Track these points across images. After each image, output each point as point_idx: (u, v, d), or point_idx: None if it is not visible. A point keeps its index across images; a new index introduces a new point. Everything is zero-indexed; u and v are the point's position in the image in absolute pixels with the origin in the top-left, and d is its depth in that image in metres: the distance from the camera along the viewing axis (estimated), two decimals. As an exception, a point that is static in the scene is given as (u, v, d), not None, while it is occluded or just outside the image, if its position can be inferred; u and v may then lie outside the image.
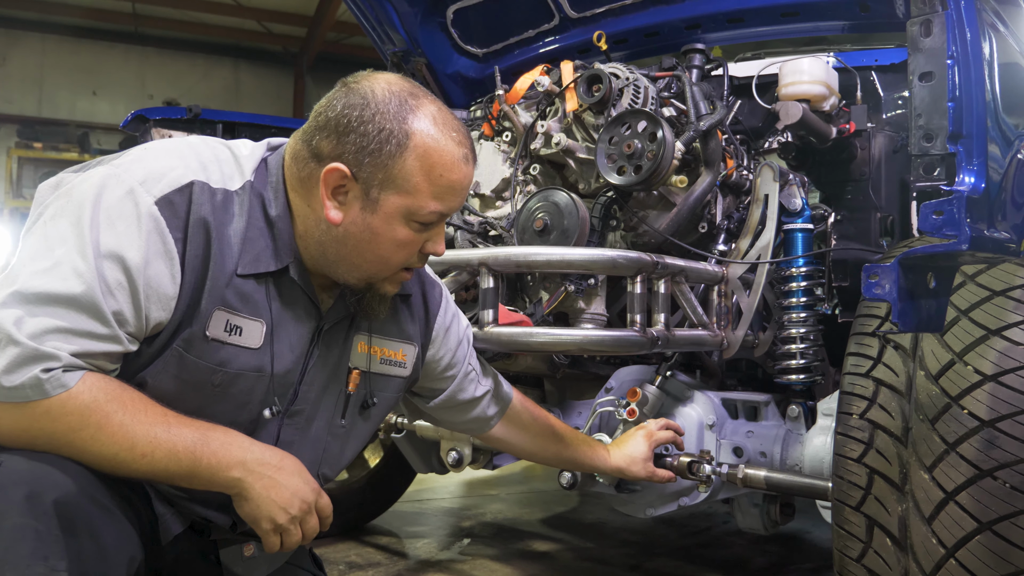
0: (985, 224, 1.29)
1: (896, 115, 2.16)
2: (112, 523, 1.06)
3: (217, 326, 1.17)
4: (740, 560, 2.82)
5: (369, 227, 1.22)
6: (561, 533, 3.12)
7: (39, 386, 1.02)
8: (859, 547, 1.43)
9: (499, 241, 2.08)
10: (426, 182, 1.20)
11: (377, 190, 1.20)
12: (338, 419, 1.40)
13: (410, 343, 1.48)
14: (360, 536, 2.93)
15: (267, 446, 1.21)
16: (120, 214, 1.09)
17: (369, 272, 1.27)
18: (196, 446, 1.11)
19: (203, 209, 1.15)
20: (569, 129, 2.04)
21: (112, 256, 1.08)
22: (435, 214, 1.24)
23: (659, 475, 1.85)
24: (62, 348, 1.03)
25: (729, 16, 2.39)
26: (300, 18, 10.58)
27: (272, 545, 1.19)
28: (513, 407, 1.73)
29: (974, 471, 1.30)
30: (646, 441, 1.85)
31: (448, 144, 1.21)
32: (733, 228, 2.00)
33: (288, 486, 1.18)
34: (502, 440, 1.75)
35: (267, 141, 1.31)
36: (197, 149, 1.21)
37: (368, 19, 2.76)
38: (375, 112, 1.18)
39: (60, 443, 1.05)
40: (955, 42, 1.27)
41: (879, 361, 1.49)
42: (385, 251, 1.25)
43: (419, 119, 1.20)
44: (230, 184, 1.20)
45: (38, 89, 10.87)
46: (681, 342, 1.81)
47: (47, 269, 1.05)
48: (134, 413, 1.08)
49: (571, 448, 1.80)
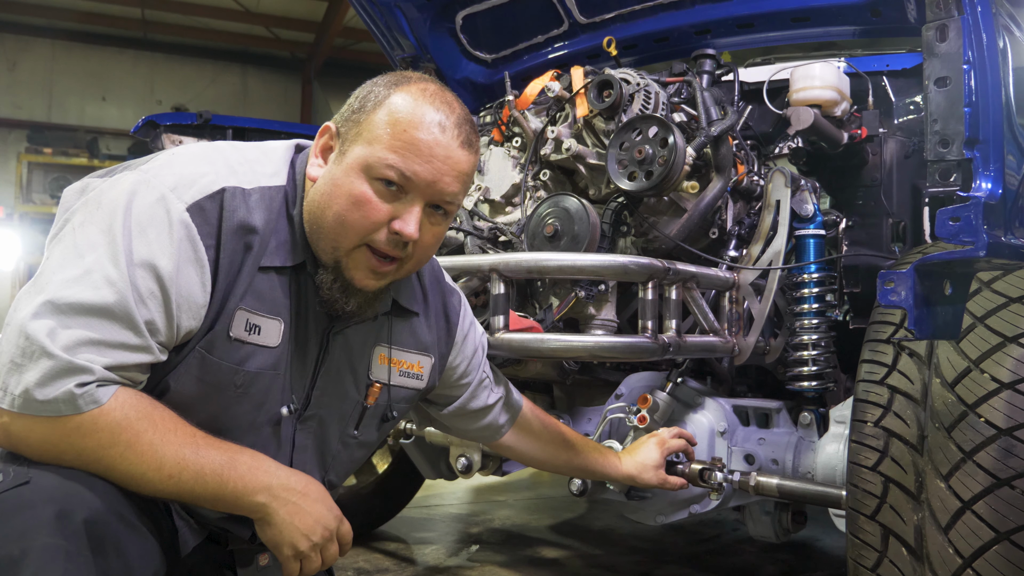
0: (1002, 230, 1.28)
1: (908, 120, 2.15)
2: (137, 539, 1.05)
3: (239, 326, 1.16)
4: (751, 568, 2.80)
5: (332, 178, 1.20)
6: (570, 540, 3.10)
7: (72, 401, 1.01)
8: (874, 556, 1.42)
9: (509, 247, 2.08)
10: (387, 134, 1.18)
11: (349, 144, 1.21)
12: (351, 429, 1.38)
13: (427, 354, 1.46)
14: (368, 542, 2.92)
15: (292, 471, 1.20)
16: (151, 221, 1.08)
17: (331, 238, 1.20)
18: (223, 469, 1.11)
19: (237, 214, 1.14)
20: (579, 135, 2.03)
21: (145, 264, 1.06)
22: (392, 170, 1.17)
23: (671, 482, 1.84)
24: (96, 361, 1.02)
25: (739, 21, 2.38)
26: (308, 24, 10.62)
27: (292, 572, 1.19)
28: (523, 415, 1.72)
29: (991, 480, 1.29)
30: (658, 448, 1.83)
31: (423, 107, 1.20)
32: (744, 234, 1.99)
33: (312, 513, 1.17)
34: (512, 448, 1.74)
35: (296, 142, 1.31)
36: (225, 153, 1.20)
37: (377, 25, 2.76)
38: (374, 82, 1.24)
39: (89, 459, 1.04)
40: (971, 47, 1.27)
41: (894, 368, 1.48)
42: (341, 206, 1.18)
43: (408, 87, 1.22)
44: (260, 182, 1.20)
45: (47, 94, 10.94)
46: (692, 348, 1.80)
47: (78, 277, 1.04)
48: (164, 433, 1.07)
49: (582, 455, 1.78)
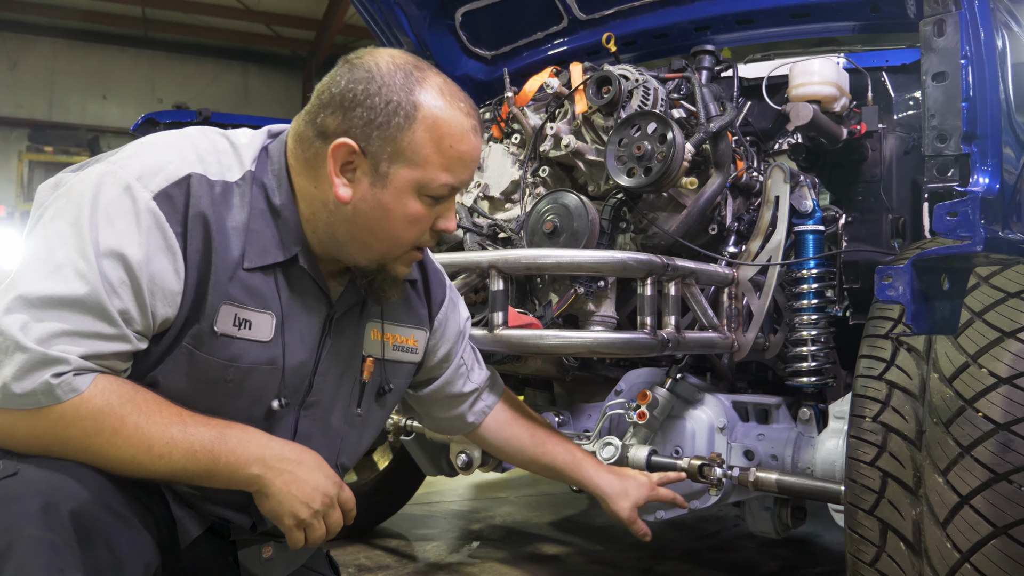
0: (999, 225, 1.29)
1: (907, 116, 2.15)
2: (128, 531, 1.04)
3: (225, 321, 1.16)
4: (751, 564, 2.81)
5: (380, 203, 1.19)
6: (571, 536, 3.11)
7: (50, 391, 1.01)
8: (872, 551, 1.42)
9: (508, 243, 2.08)
10: (436, 154, 1.18)
11: (387, 164, 1.17)
12: (354, 408, 1.38)
13: (420, 328, 1.47)
14: (369, 539, 2.93)
15: (285, 441, 1.20)
16: (118, 211, 1.08)
17: (381, 252, 1.25)
18: (214, 444, 1.10)
19: (202, 202, 1.13)
20: (578, 131, 2.03)
21: (113, 254, 1.06)
22: (446, 187, 1.21)
23: (639, 526, 1.71)
24: (71, 351, 1.02)
25: (739, 17, 2.38)
26: (309, 22, 10.63)
27: (296, 541, 1.18)
28: (501, 409, 1.69)
29: (989, 475, 1.29)
30: (647, 490, 1.73)
31: (457, 115, 1.19)
32: (743, 230, 1.99)
33: (309, 481, 1.17)
34: (485, 441, 1.69)
35: (267, 128, 1.28)
36: (194, 140, 1.19)
37: (377, 22, 2.76)
38: (381, 85, 1.16)
39: (76, 448, 1.04)
40: (968, 42, 1.27)
41: (892, 364, 1.48)
42: (397, 228, 1.22)
43: (426, 91, 1.18)
44: (229, 175, 1.18)
45: (48, 93, 10.95)
46: (691, 344, 1.80)
47: (49, 272, 1.04)
48: (149, 414, 1.07)
49: (550, 456, 1.70)
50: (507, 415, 1.70)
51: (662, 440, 1.99)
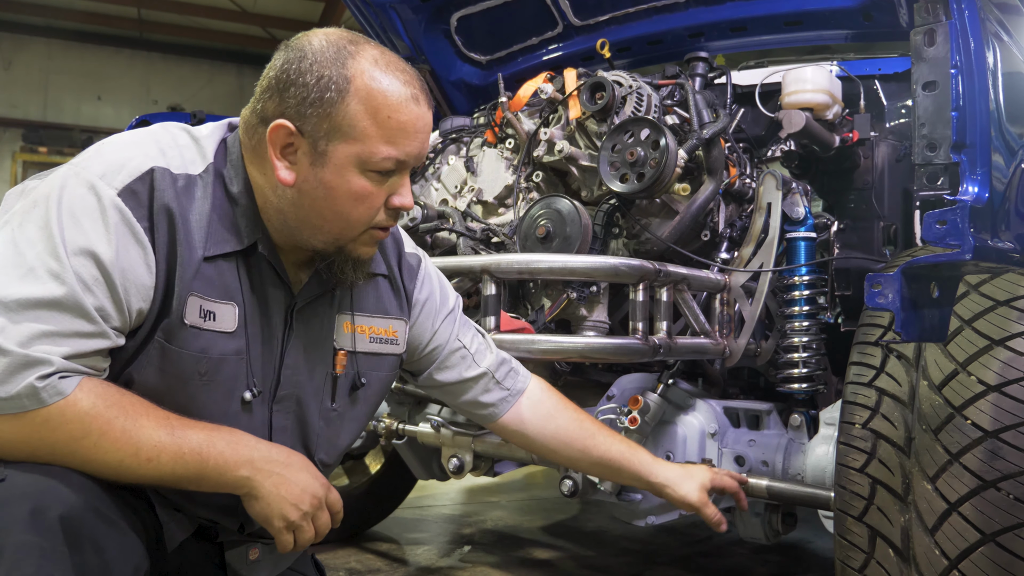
0: (989, 234, 1.29)
1: (900, 124, 2.16)
2: (117, 535, 1.04)
3: (193, 312, 1.15)
4: (741, 570, 2.81)
5: (322, 182, 1.17)
6: (562, 541, 3.11)
7: (35, 395, 1.00)
8: (861, 558, 1.42)
9: (501, 248, 2.08)
10: (374, 126, 1.15)
11: (325, 141, 1.15)
12: (328, 403, 1.35)
13: (398, 318, 1.43)
14: (360, 543, 2.92)
15: (273, 444, 1.20)
16: (84, 210, 1.08)
17: (334, 233, 1.22)
18: (202, 447, 1.10)
19: (166, 195, 1.12)
20: (572, 137, 2.04)
21: (84, 253, 1.06)
22: (390, 160, 1.17)
23: (711, 510, 1.68)
24: (53, 352, 1.01)
25: (732, 25, 2.39)
26: (304, 24, 10.54)
27: (286, 543, 1.17)
28: (530, 397, 1.59)
29: (977, 482, 1.29)
30: (709, 473, 1.71)
31: (394, 84, 1.16)
32: (736, 236, 2.00)
33: (297, 482, 1.17)
34: (515, 433, 1.60)
35: (227, 121, 1.28)
36: (156, 136, 1.19)
37: (372, 26, 2.76)
38: (312, 62, 1.15)
39: (62, 453, 1.03)
40: (959, 51, 1.27)
41: (882, 371, 1.48)
42: (343, 206, 1.19)
43: (358, 62, 1.16)
44: (192, 168, 1.17)
45: (43, 94, 10.93)
46: (683, 350, 1.81)
47: (22, 276, 1.04)
48: (136, 418, 1.07)
49: (603, 448, 1.61)
50: (549, 407, 1.61)
51: (653, 445, 1.99)
